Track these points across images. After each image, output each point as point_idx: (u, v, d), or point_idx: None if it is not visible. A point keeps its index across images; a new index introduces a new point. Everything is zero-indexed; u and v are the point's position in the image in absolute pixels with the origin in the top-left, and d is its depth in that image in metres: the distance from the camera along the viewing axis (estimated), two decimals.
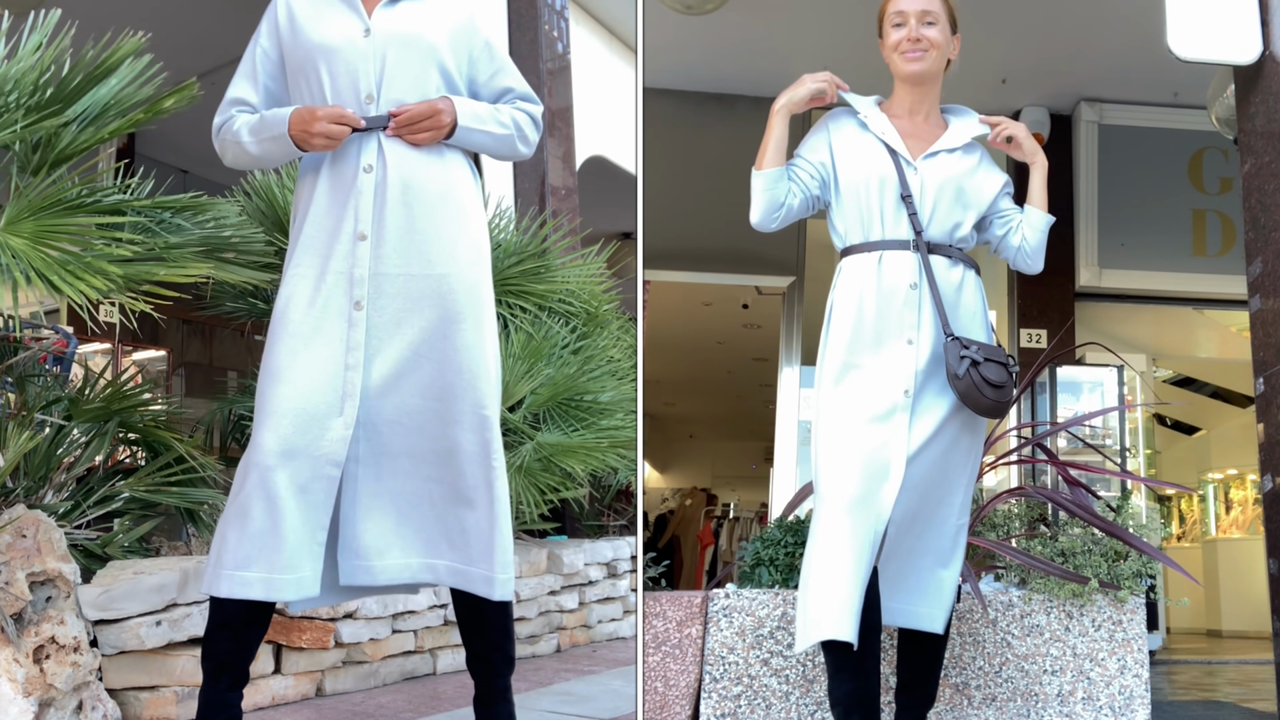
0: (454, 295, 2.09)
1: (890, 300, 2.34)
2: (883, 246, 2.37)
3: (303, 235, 2.12)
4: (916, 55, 2.38)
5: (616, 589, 4.64)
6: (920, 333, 2.33)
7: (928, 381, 2.32)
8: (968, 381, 2.27)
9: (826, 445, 2.33)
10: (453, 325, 2.08)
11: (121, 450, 3.47)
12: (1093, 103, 6.12)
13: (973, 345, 2.31)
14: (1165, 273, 6.20)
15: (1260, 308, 3.21)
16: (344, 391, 2.03)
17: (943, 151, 2.41)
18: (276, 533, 1.95)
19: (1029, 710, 3.04)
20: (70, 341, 3.73)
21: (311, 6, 2.20)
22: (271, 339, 2.07)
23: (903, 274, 2.35)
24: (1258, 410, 3.22)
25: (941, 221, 2.38)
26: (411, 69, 2.15)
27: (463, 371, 2.08)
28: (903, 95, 2.46)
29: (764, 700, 3.00)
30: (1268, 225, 3.19)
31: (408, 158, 2.11)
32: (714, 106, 5.97)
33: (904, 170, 2.37)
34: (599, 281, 4.59)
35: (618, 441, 4.07)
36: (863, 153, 2.41)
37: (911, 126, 2.44)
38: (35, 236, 2.64)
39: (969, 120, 2.50)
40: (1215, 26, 3.21)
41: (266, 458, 1.97)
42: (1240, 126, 3.38)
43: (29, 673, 2.33)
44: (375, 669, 3.30)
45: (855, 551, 2.20)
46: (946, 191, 2.38)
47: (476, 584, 2.06)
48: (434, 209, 2.11)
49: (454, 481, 2.08)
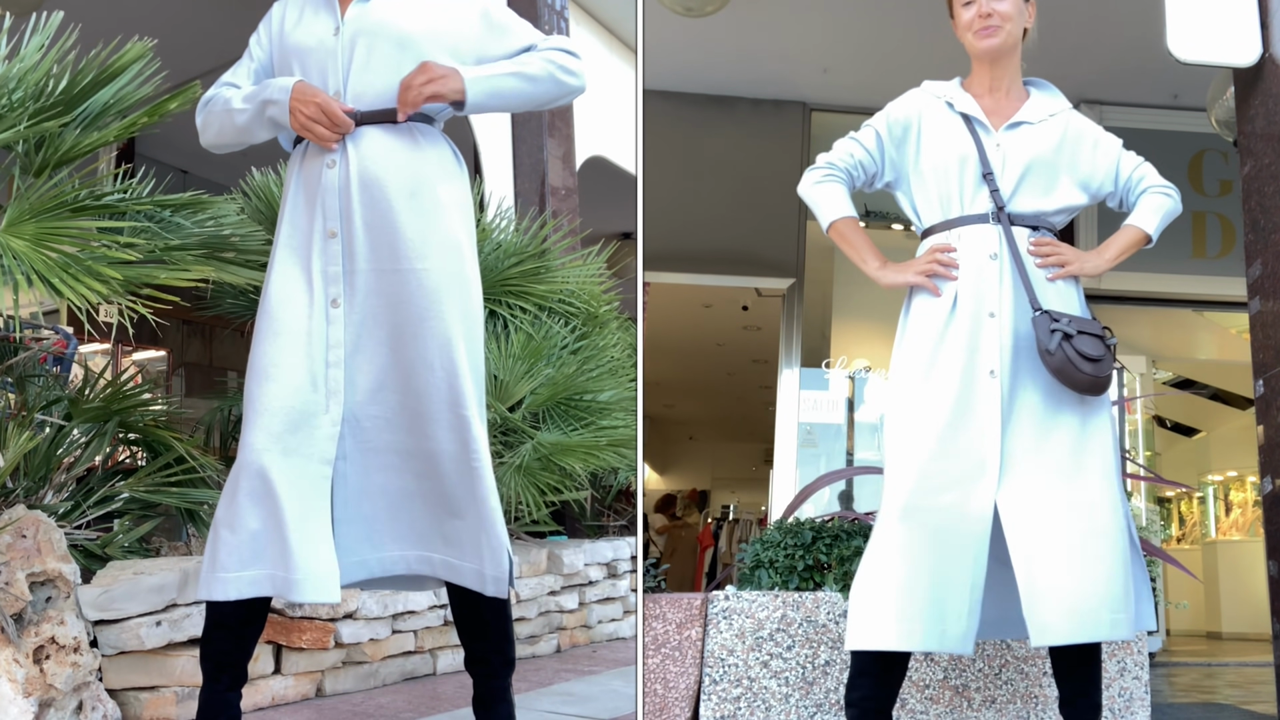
0: (425, 291, 2.05)
1: (968, 271, 2.23)
2: (962, 223, 2.28)
3: (281, 233, 2.12)
4: (989, 31, 2.30)
5: (616, 589, 4.64)
6: (1002, 306, 2.20)
7: (1017, 360, 2.19)
8: (1061, 356, 2.12)
9: (900, 439, 2.21)
10: (424, 322, 2.05)
11: (121, 450, 3.47)
12: (1093, 104, 6.12)
13: (1064, 317, 2.16)
14: (1165, 275, 6.19)
15: (1260, 310, 3.21)
16: (328, 390, 2.03)
17: (1025, 123, 2.33)
18: (279, 531, 1.94)
19: (1029, 712, 3.04)
20: (70, 342, 3.73)
21: (297, 10, 2.21)
22: (256, 337, 2.07)
23: (983, 245, 2.24)
24: (1257, 412, 3.22)
25: (1027, 197, 2.28)
26: (382, 60, 2.11)
27: (434, 369, 2.04)
28: (980, 74, 2.38)
29: (763, 702, 3.00)
30: (1267, 227, 3.19)
31: (372, 153, 2.08)
32: (714, 108, 5.97)
33: (984, 145, 2.29)
34: (599, 282, 4.59)
35: (617, 440, 4.07)
36: (945, 132, 2.33)
37: (993, 103, 2.35)
38: (36, 239, 2.64)
39: (1054, 95, 2.41)
40: (1215, 28, 3.21)
41: (260, 456, 1.96)
42: (1240, 129, 3.38)
43: (29, 673, 2.33)
44: (375, 669, 3.30)
45: (908, 559, 2.10)
46: (1034, 167, 2.28)
47: (469, 578, 2.05)
48: (400, 203, 2.07)
49: (439, 486, 2.06)
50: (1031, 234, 2.28)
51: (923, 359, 2.24)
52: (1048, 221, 2.32)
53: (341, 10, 2.15)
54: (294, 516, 1.95)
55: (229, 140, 2.24)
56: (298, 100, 2.07)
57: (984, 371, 2.18)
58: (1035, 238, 2.29)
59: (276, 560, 1.94)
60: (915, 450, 2.19)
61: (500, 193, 5.66)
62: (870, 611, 2.13)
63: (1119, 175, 2.39)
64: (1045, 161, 2.30)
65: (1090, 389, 2.15)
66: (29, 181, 2.83)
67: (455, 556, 2.07)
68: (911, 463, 2.19)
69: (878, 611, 2.12)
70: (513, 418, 3.95)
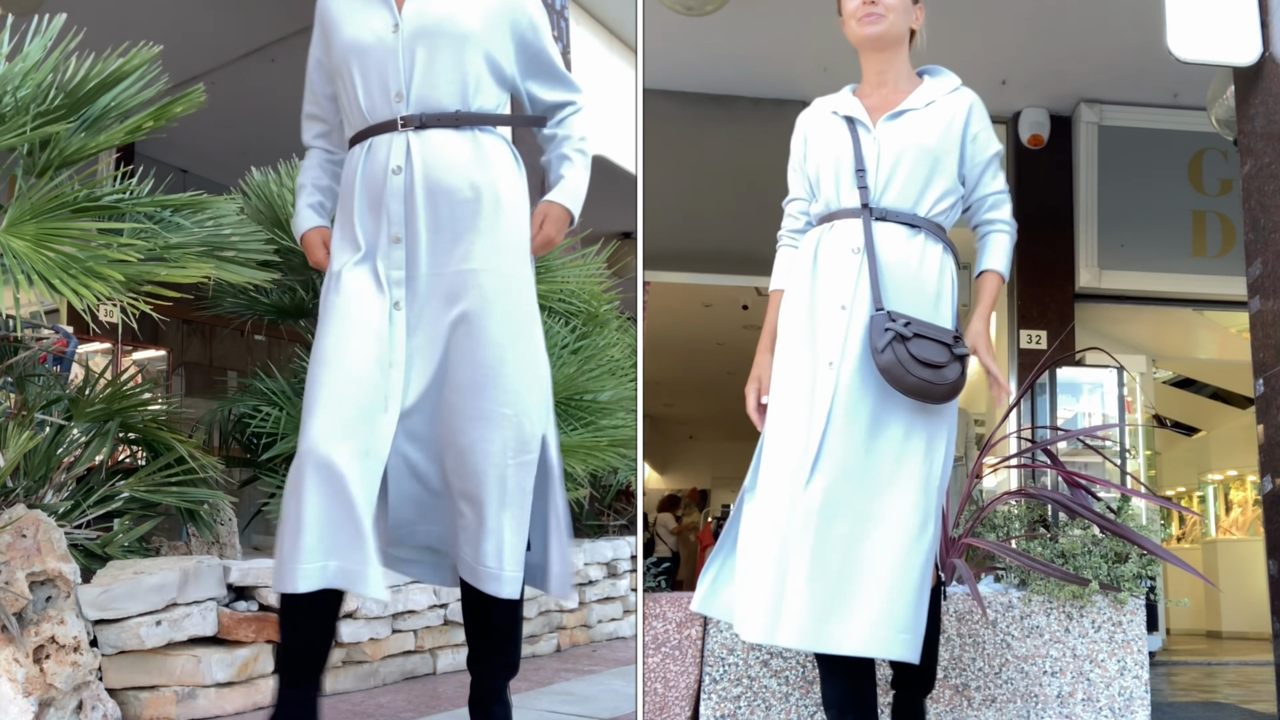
0: (482, 290, 2.07)
1: (830, 263, 2.25)
2: (836, 217, 2.29)
3: (345, 232, 2.13)
4: (872, 19, 2.28)
5: (616, 589, 4.64)
6: (856, 300, 2.19)
7: (864, 356, 2.16)
8: (890, 357, 2.09)
9: (767, 426, 2.28)
10: (479, 321, 2.06)
11: (121, 450, 3.47)
12: (1093, 104, 6.12)
13: (902, 319, 2.13)
14: (1165, 274, 6.20)
15: (1260, 309, 3.21)
16: (388, 390, 2.03)
17: (909, 110, 2.29)
18: (351, 524, 1.91)
19: (1029, 711, 3.04)
20: (70, 341, 3.73)
21: (346, 4, 2.16)
22: (324, 326, 2.07)
23: (848, 239, 2.24)
24: (1257, 411, 3.22)
25: (903, 187, 2.25)
26: (444, 63, 2.09)
27: (484, 366, 2.05)
28: (867, 68, 2.37)
29: (763, 701, 3.00)
30: (1267, 226, 3.19)
31: (436, 158, 2.08)
32: (713, 107, 5.97)
33: (861, 142, 2.27)
34: (599, 281, 4.59)
35: (617, 440, 4.07)
36: (827, 137, 2.34)
37: (880, 99, 2.33)
38: (37, 239, 2.64)
39: (944, 78, 2.37)
40: (1215, 28, 3.21)
41: (325, 445, 1.94)
42: (1240, 128, 3.38)
43: (29, 672, 2.33)
44: (375, 669, 3.30)
45: (763, 542, 2.17)
46: (909, 154, 2.25)
47: (485, 581, 2.05)
48: (464, 207, 2.08)
49: (469, 484, 2.06)
50: (910, 233, 2.24)
51: (782, 349, 2.29)
52: (930, 218, 2.26)
53: (397, 3, 2.12)
54: (363, 509, 1.93)
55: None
56: (306, 249, 2.24)
57: (824, 362, 2.18)
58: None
59: (346, 552, 1.91)
60: (768, 437, 2.25)
61: None
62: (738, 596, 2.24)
63: (977, 184, 2.36)
64: (924, 148, 2.25)
65: (920, 394, 2.12)
66: (31, 182, 2.83)
67: (473, 557, 2.06)
68: (765, 449, 2.26)
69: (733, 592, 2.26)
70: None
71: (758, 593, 2.15)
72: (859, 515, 2.11)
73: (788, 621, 2.08)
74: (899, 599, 2.07)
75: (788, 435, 2.20)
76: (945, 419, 2.21)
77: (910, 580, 2.09)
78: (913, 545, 2.10)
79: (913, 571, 2.09)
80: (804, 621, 2.07)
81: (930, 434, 2.18)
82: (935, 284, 2.24)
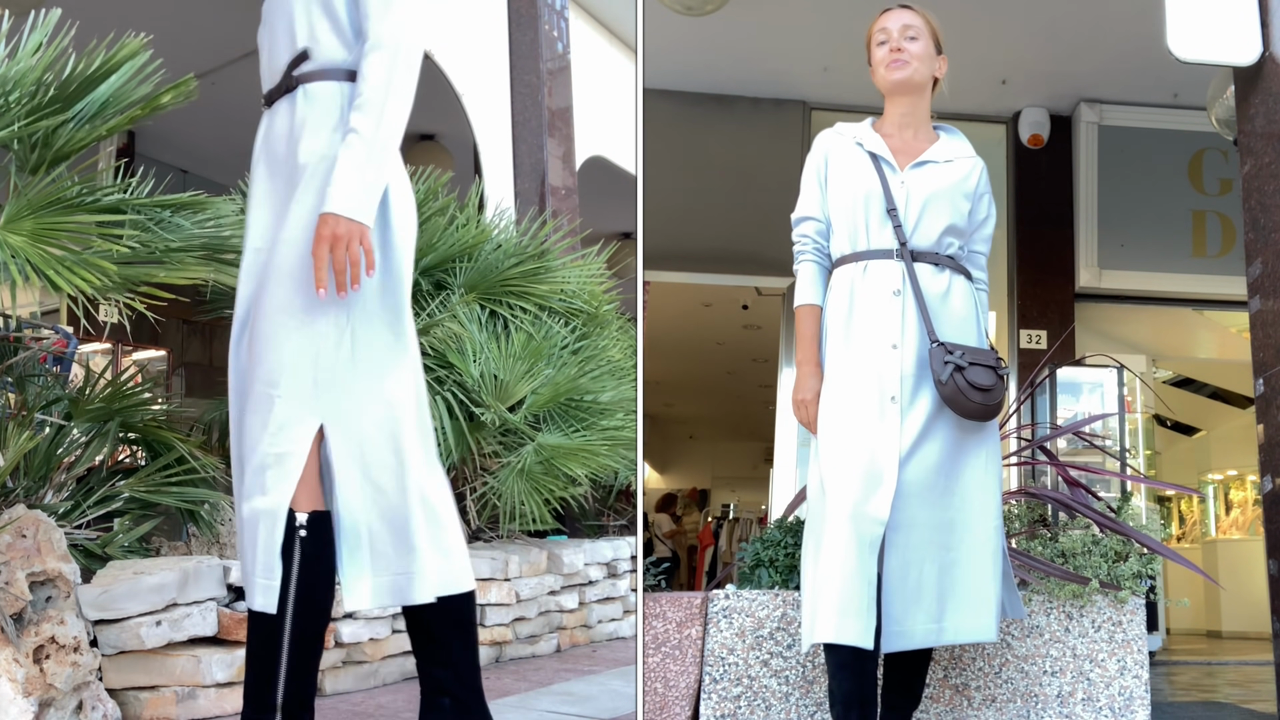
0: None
1: (873, 306, 2.42)
2: (868, 256, 2.45)
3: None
4: (899, 64, 2.46)
5: (616, 589, 4.64)
6: (905, 338, 2.40)
7: (918, 386, 2.39)
8: (952, 386, 2.33)
9: (826, 450, 2.41)
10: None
11: (121, 450, 3.47)
12: (1093, 103, 6.12)
13: (957, 350, 2.36)
14: (1165, 273, 6.20)
15: (1260, 309, 3.21)
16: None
17: (931, 162, 2.48)
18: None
19: (1029, 711, 3.04)
20: (70, 341, 3.73)
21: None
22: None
23: (886, 281, 2.42)
24: (1257, 411, 3.22)
25: (928, 230, 2.45)
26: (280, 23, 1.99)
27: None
28: (891, 111, 2.53)
29: (764, 701, 3.00)
30: (1267, 226, 3.19)
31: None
32: (713, 107, 5.96)
33: (889, 182, 2.45)
34: (599, 282, 4.59)
35: (618, 442, 4.07)
36: (853, 169, 2.49)
37: (901, 142, 2.51)
38: (34, 234, 2.64)
39: (960, 140, 2.57)
40: (1215, 27, 3.21)
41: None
42: (1240, 128, 3.38)
43: (29, 673, 2.33)
44: (375, 669, 3.30)
45: (858, 556, 2.28)
46: (934, 201, 2.45)
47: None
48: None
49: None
50: (935, 269, 2.44)
51: (835, 385, 2.45)
52: (947, 255, 2.48)
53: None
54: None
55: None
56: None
57: (886, 398, 2.38)
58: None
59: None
60: (835, 469, 2.39)
61: (500, 193, 5.66)
62: (833, 605, 2.30)
63: (970, 241, 2.57)
64: (947, 198, 2.47)
65: (979, 416, 2.38)
66: (26, 179, 2.83)
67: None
68: (833, 482, 2.39)
69: (837, 609, 2.29)
70: (513, 419, 3.95)
71: (905, 604, 2.36)
72: (947, 524, 2.39)
73: (921, 623, 2.36)
74: (992, 589, 2.41)
75: (857, 465, 2.35)
76: (995, 430, 2.53)
77: (998, 571, 2.43)
78: (998, 542, 2.44)
79: (999, 564, 2.44)
80: (930, 621, 2.36)
81: (990, 446, 2.48)
82: (964, 310, 2.48)
